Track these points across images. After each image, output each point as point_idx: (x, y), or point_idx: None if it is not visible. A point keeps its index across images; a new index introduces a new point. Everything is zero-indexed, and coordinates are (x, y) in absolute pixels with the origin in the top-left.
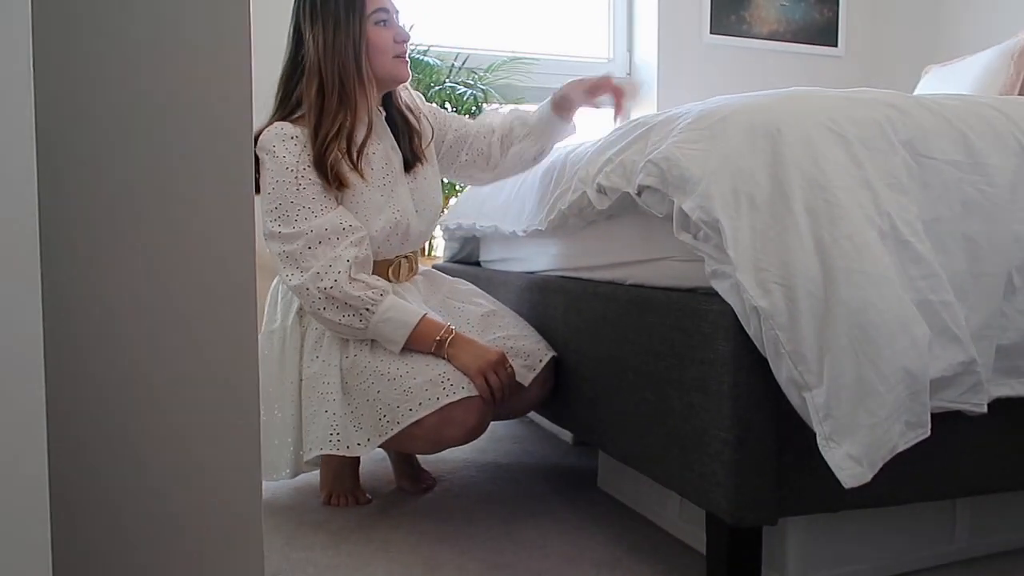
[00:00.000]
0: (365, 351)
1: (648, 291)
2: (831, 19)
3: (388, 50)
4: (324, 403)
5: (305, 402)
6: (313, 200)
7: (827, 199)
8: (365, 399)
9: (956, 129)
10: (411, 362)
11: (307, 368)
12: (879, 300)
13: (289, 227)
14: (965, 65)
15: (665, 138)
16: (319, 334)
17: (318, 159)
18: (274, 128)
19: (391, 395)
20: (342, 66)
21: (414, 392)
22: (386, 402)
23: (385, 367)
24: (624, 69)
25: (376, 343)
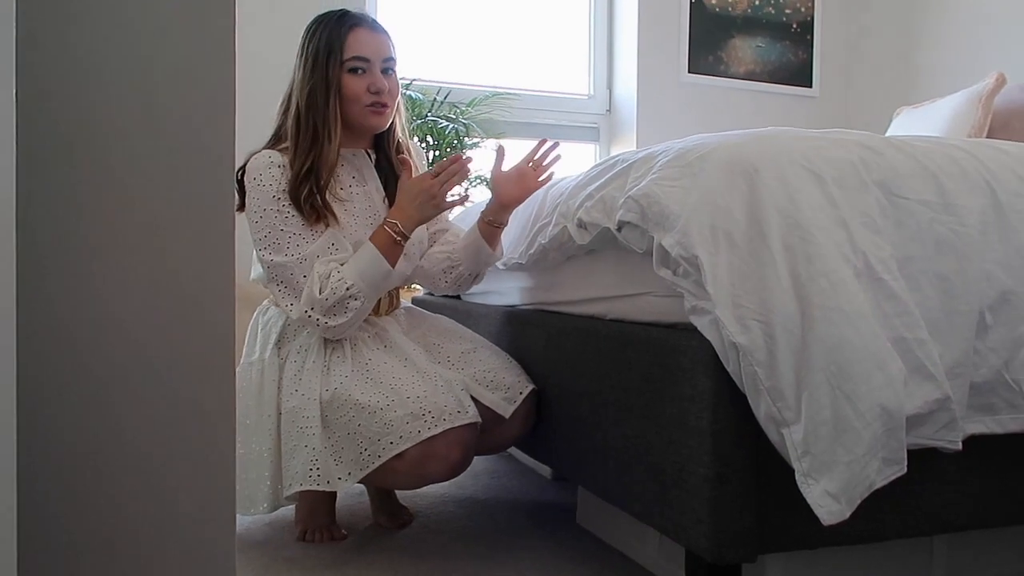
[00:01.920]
0: (346, 383)
1: (628, 326)
2: (806, 60)
3: (360, 99)
4: (304, 438)
5: (284, 436)
6: (301, 226)
7: (803, 237)
8: (346, 432)
9: (927, 170)
10: (392, 394)
11: (286, 402)
12: (855, 337)
13: (281, 254)
14: (935, 108)
15: (645, 175)
16: (298, 367)
17: (292, 193)
18: (261, 156)
19: (372, 428)
20: (313, 105)
21: (395, 425)
22: (367, 435)
23: (366, 399)
24: (604, 106)
25: (357, 363)
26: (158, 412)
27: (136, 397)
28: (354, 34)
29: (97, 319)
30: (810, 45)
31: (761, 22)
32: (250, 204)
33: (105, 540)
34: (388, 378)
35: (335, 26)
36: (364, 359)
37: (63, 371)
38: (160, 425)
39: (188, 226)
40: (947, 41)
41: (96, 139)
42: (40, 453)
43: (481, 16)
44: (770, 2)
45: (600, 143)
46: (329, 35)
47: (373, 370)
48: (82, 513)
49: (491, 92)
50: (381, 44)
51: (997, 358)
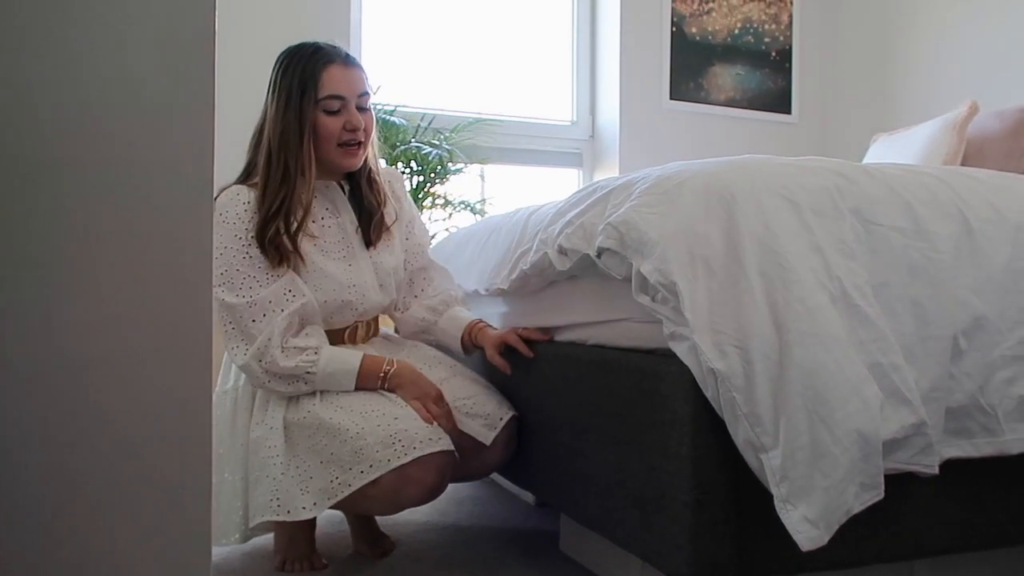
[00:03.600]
0: (316, 406)
1: (608, 352)
2: (785, 88)
3: (333, 138)
4: (265, 468)
5: (249, 467)
6: (259, 269)
7: (780, 263)
8: (318, 460)
9: (901, 197)
10: (363, 421)
11: (252, 431)
12: (831, 363)
13: (233, 295)
14: (911, 135)
15: (624, 202)
16: (266, 397)
17: (259, 234)
18: (230, 192)
19: (343, 455)
20: (285, 143)
21: (366, 453)
22: (338, 463)
23: (337, 422)
24: (587, 132)
25: (326, 393)
26: (131, 439)
27: (109, 422)
28: (328, 71)
29: (69, 353)
30: (789, 72)
31: (741, 50)
32: (214, 236)
33: (79, 567)
34: (359, 404)
35: (308, 62)
36: (331, 393)
37: (37, 401)
38: (133, 453)
39: (163, 257)
40: (922, 68)
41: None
42: (7, 479)
43: (465, 43)
44: (749, 30)
45: (583, 169)
46: (303, 72)
47: (342, 396)
48: (52, 542)
49: (475, 118)
50: (356, 80)
51: (972, 383)
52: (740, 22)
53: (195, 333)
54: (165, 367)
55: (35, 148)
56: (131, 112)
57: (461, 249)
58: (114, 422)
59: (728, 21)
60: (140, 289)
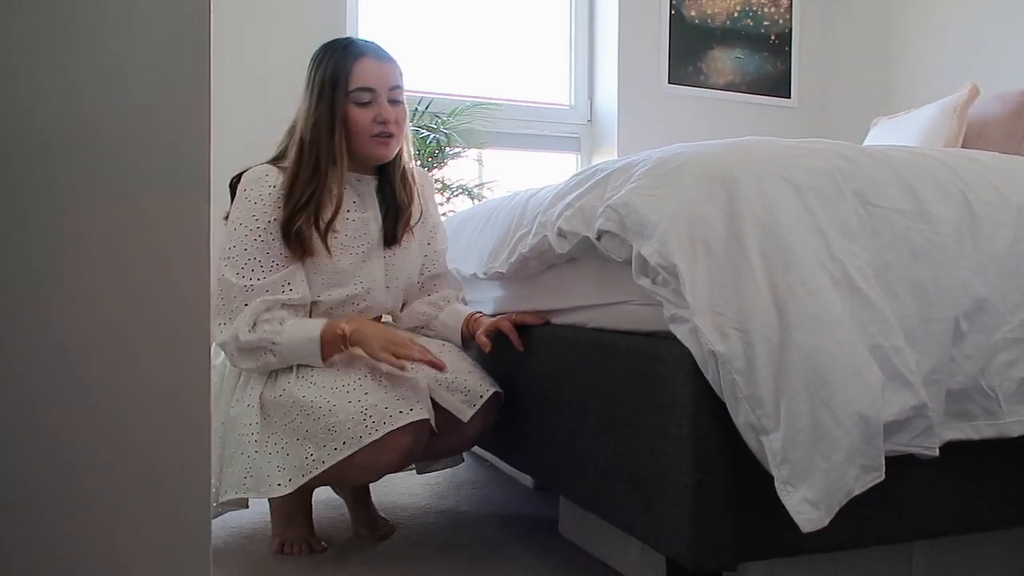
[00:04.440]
0: (292, 384)
1: (608, 335)
2: (784, 71)
3: (365, 130)
4: (240, 445)
5: (225, 444)
6: (266, 255)
7: (781, 245)
8: (294, 437)
9: (902, 179)
10: (334, 397)
11: (231, 408)
12: (832, 345)
13: (234, 273)
14: (911, 118)
15: (624, 184)
16: (247, 375)
17: (285, 225)
18: (259, 170)
19: (317, 432)
20: (316, 136)
21: (338, 430)
22: (313, 439)
23: (310, 399)
24: (585, 116)
25: (302, 370)
26: (129, 421)
27: (105, 409)
28: (359, 64)
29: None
30: (788, 56)
31: (740, 33)
32: (232, 213)
33: (78, 552)
34: (331, 381)
35: (341, 56)
36: (306, 368)
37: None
38: (131, 438)
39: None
40: (922, 52)
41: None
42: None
43: (463, 26)
44: (749, 13)
45: (581, 153)
46: (335, 65)
47: (316, 372)
48: (49, 530)
49: (473, 102)
50: (387, 73)
51: (973, 365)
52: (739, 5)
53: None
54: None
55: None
56: (126, 111)
57: (459, 232)
58: (110, 416)
59: (727, 4)
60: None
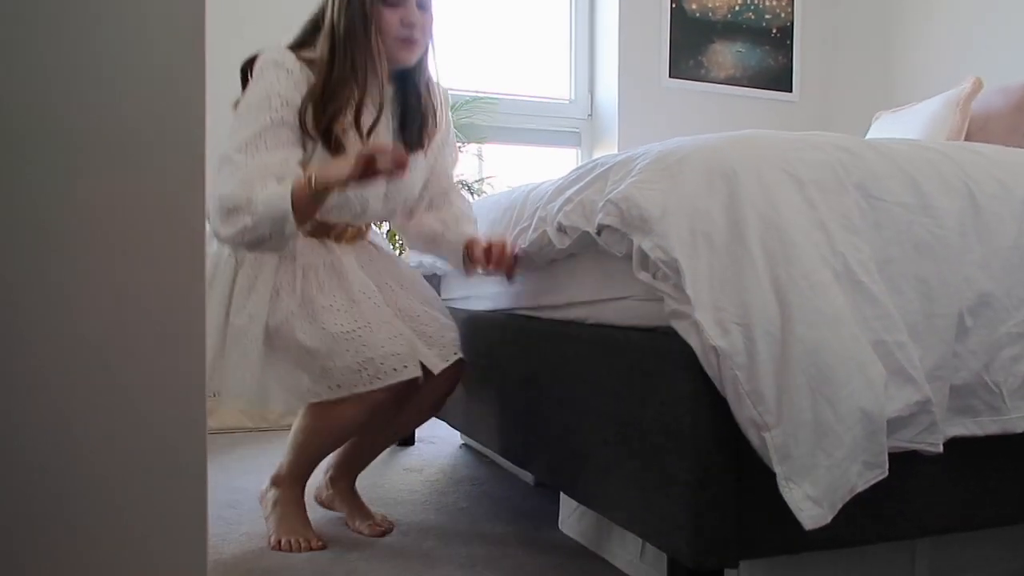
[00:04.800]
0: (291, 320)
1: (609, 330)
2: (786, 65)
3: (391, 31)
4: (244, 355)
5: (228, 349)
6: (275, 139)
7: (783, 239)
8: (292, 364)
9: (905, 173)
10: (333, 343)
11: (235, 317)
12: (835, 340)
13: (236, 151)
14: (913, 112)
15: (624, 178)
16: (250, 281)
17: (326, 129)
18: (275, 53)
19: (313, 369)
20: (352, 36)
21: (333, 373)
22: (309, 372)
23: (308, 342)
24: (585, 110)
25: (301, 309)
26: (124, 423)
27: (101, 409)
28: None
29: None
30: (790, 50)
31: (741, 27)
32: (243, 98)
33: (75, 549)
34: (331, 323)
35: None
36: (311, 294)
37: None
38: (127, 438)
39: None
40: (925, 45)
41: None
42: None
43: (463, 20)
44: (750, 7)
45: (582, 147)
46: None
47: (318, 311)
48: (45, 529)
49: (472, 96)
50: None
51: (977, 361)
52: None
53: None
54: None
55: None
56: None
57: None
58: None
59: None
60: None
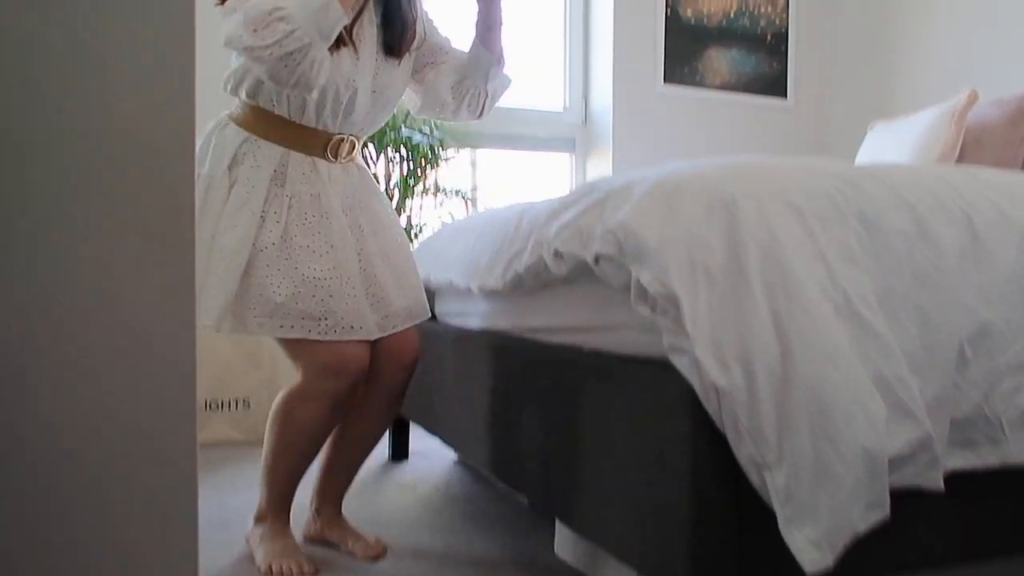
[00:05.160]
0: (269, 252)
1: (605, 359)
2: (780, 71)
3: None
4: (227, 280)
5: (211, 266)
6: None
7: (783, 271)
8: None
9: (904, 200)
10: (302, 286)
11: (221, 234)
12: (836, 376)
13: None
14: (908, 123)
15: (622, 205)
16: (242, 200)
17: None
18: None
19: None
20: None
21: (293, 316)
22: (262, 305)
23: (276, 286)
24: (580, 116)
25: (281, 245)
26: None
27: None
28: None
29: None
30: (784, 56)
31: (736, 33)
32: None
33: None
34: (305, 265)
35: None
36: (293, 229)
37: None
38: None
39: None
40: (921, 53)
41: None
42: None
43: (457, 27)
44: (745, 13)
45: (576, 153)
46: None
47: (295, 249)
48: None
49: None
50: None
51: (977, 392)
52: (736, 4)
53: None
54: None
55: None
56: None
57: (453, 242)
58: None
59: (723, 3)
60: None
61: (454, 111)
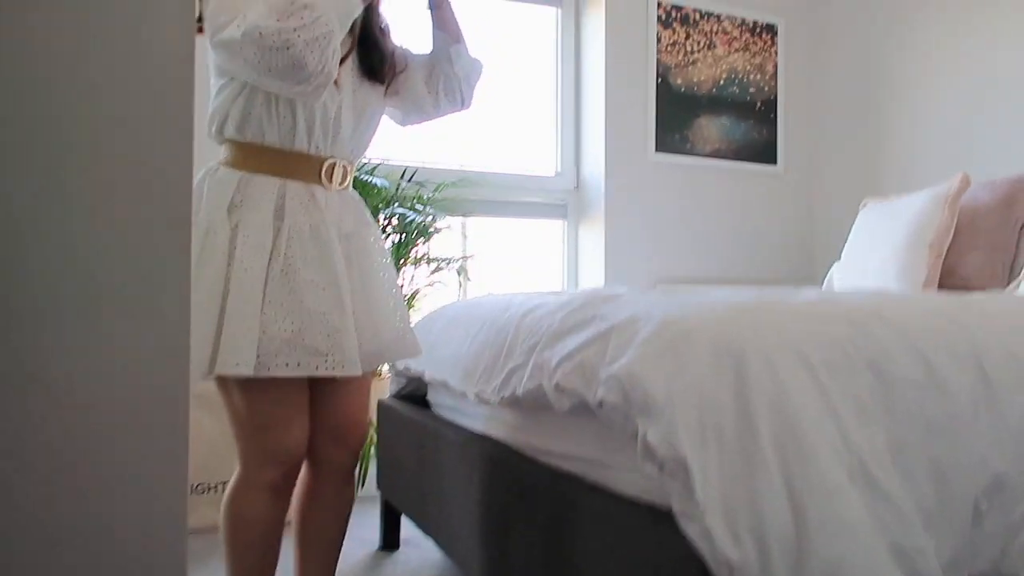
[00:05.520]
0: (280, 276)
1: (608, 500)
2: (770, 139)
3: None
4: (250, 317)
5: (230, 310)
6: None
7: (795, 433)
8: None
9: (914, 347)
10: (308, 318)
11: (235, 278)
12: (853, 551)
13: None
14: (901, 205)
15: (626, 346)
16: (252, 239)
17: None
18: None
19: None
20: None
21: (296, 349)
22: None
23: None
24: (572, 182)
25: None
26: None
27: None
28: None
29: None
30: (774, 123)
31: (726, 101)
32: None
33: None
34: (310, 300)
35: None
36: (296, 267)
37: None
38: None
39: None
40: (909, 120)
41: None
42: None
43: None
44: (735, 81)
45: (568, 220)
46: None
47: (299, 287)
48: None
49: (458, 175)
50: None
51: (993, 548)
52: (725, 73)
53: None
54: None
55: None
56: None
57: (447, 336)
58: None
59: (713, 72)
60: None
61: (435, 105)
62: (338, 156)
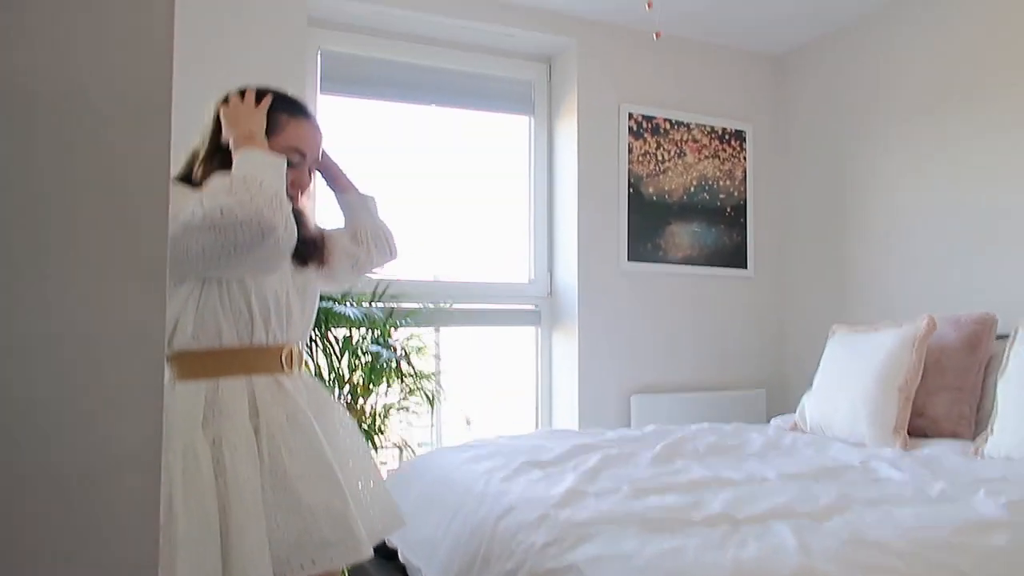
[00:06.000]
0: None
1: None
2: (740, 243)
3: None
4: (255, 528)
5: (244, 520)
6: None
7: None
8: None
9: None
10: (309, 514)
11: (234, 496)
12: None
13: None
14: (871, 341)
15: None
16: (239, 450)
17: None
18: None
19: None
20: None
21: (306, 547)
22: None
23: (282, 511)
24: (545, 289)
25: (273, 477)
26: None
27: None
28: (297, 123)
29: None
30: (744, 228)
31: (697, 207)
32: None
33: None
34: (307, 493)
35: (279, 105)
36: (283, 461)
37: None
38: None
39: None
40: (877, 227)
41: None
42: None
43: (415, 209)
44: (704, 188)
45: (541, 326)
46: (272, 113)
47: (292, 480)
48: None
49: (432, 286)
50: (318, 142)
51: None
52: (696, 179)
53: None
54: None
55: None
56: None
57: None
58: None
59: (684, 179)
60: None
61: (368, 259)
62: (291, 340)
